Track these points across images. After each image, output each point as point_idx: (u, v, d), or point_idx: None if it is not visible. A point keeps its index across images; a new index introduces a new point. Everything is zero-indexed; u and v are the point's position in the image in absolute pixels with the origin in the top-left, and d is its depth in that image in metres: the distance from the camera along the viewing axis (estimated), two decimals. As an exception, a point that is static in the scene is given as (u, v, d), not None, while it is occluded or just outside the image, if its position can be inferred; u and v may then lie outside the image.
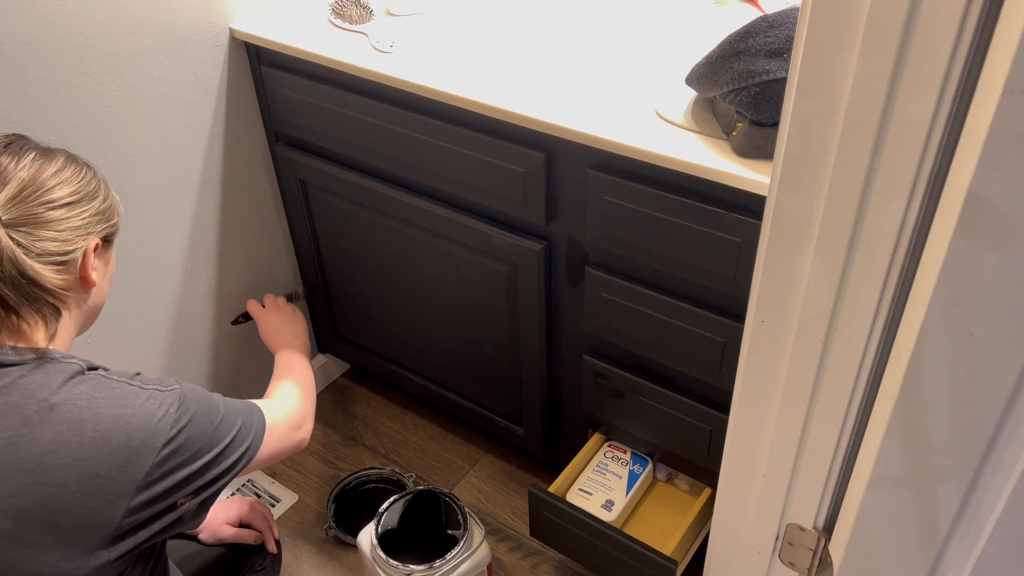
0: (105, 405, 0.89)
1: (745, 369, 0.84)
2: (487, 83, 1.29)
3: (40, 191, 0.91)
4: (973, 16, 0.54)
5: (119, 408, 0.90)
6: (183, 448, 0.93)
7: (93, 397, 0.90)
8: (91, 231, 0.96)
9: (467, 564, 1.42)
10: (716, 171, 1.06)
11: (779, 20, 1.06)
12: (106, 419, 0.88)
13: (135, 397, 0.92)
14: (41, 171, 0.92)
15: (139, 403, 0.91)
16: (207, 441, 0.96)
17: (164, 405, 0.93)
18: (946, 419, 0.68)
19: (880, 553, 0.81)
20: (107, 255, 1.02)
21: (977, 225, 0.58)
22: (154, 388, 0.94)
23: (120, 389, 0.92)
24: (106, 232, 0.99)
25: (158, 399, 0.93)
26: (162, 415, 0.92)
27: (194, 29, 1.46)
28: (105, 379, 0.92)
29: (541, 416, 1.59)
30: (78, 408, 0.88)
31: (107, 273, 1.03)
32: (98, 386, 0.91)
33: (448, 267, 1.51)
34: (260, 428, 1.05)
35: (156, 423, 0.91)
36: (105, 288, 1.04)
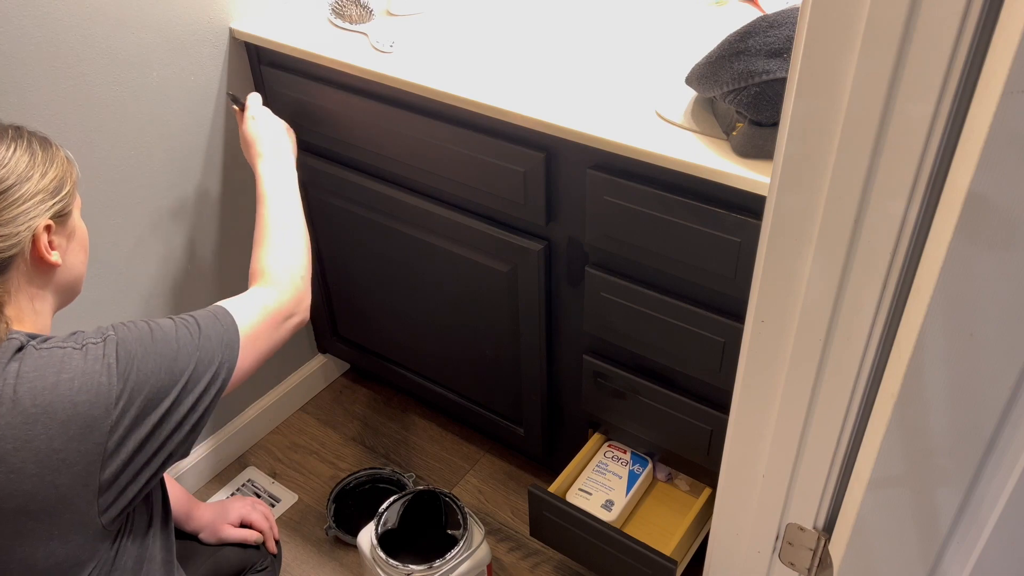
0: (38, 377, 0.84)
1: (745, 369, 0.84)
2: (487, 83, 1.29)
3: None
4: (973, 16, 0.54)
5: (54, 376, 0.84)
6: (138, 395, 0.87)
7: (24, 372, 0.84)
8: (33, 215, 0.89)
9: (467, 564, 1.42)
10: (716, 171, 1.06)
11: (779, 20, 1.06)
12: (43, 391, 0.83)
13: (70, 359, 0.85)
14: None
15: (75, 364, 0.85)
16: (166, 377, 0.89)
17: (102, 358, 0.86)
18: (946, 419, 0.68)
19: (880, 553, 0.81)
20: (66, 229, 0.96)
21: (977, 225, 0.58)
22: (88, 342, 0.87)
23: (51, 355, 0.86)
24: (55, 210, 0.92)
25: (94, 353, 0.86)
26: (102, 369, 0.86)
27: (194, 29, 1.46)
28: (36, 349, 0.86)
29: (541, 416, 1.59)
30: (12, 387, 0.83)
31: (73, 247, 0.97)
32: (27, 359, 0.85)
33: (448, 267, 1.51)
34: (231, 339, 0.97)
35: (99, 380, 0.85)
36: (77, 261, 0.99)
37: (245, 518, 1.37)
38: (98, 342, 0.88)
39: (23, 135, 0.93)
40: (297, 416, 1.98)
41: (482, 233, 1.40)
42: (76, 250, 0.98)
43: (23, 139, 0.93)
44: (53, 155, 0.95)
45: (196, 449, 1.79)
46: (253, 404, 1.90)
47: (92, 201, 1.40)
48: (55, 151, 0.96)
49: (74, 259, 0.98)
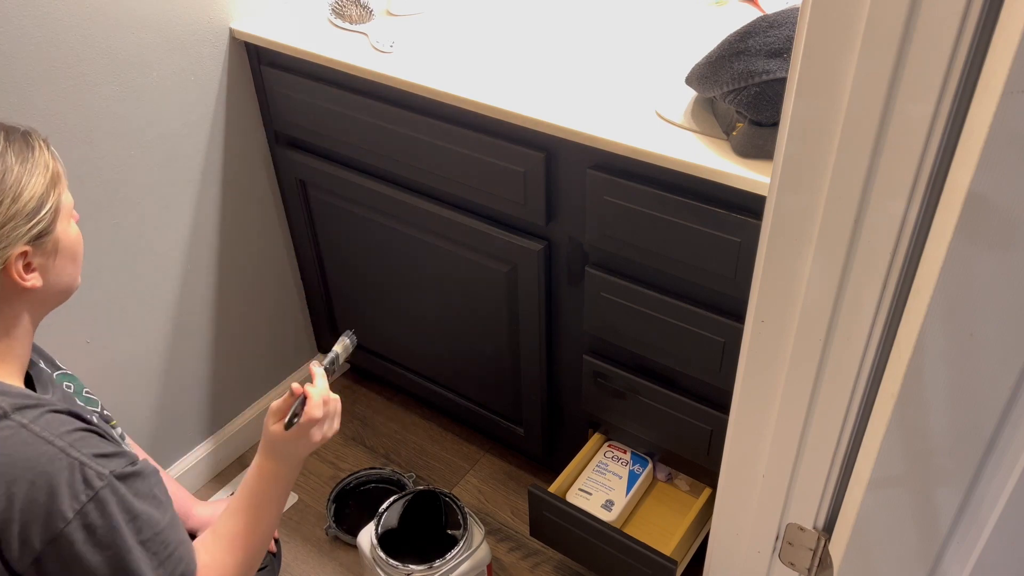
0: (7, 464, 0.78)
1: (745, 369, 0.84)
2: (487, 83, 1.29)
3: None
4: (973, 16, 0.54)
5: (21, 471, 0.78)
6: (74, 549, 0.79)
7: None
8: (4, 243, 0.82)
9: (467, 564, 1.42)
10: (716, 171, 1.06)
11: (779, 20, 1.06)
12: (3, 481, 0.78)
13: (47, 463, 0.79)
14: None
15: (48, 471, 0.79)
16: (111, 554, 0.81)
17: (78, 486, 0.80)
18: (946, 419, 0.68)
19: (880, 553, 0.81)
20: (47, 248, 0.88)
21: (977, 225, 0.58)
22: (79, 458, 0.80)
23: (35, 448, 0.79)
24: (31, 234, 0.84)
25: (77, 474, 0.80)
26: (70, 495, 0.79)
27: (194, 29, 1.46)
28: (23, 430, 0.80)
29: (541, 416, 1.59)
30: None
31: (56, 264, 0.89)
32: (10, 440, 0.79)
33: (448, 267, 1.51)
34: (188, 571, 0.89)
35: (59, 500, 0.79)
36: (63, 275, 0.91)
37: None
38: (91, 468, 0.80)
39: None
40: (297, 416, 1.98)
41: (482, 233, 1.40)
42: (62, 264, 0.90)
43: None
44: (33, 166, 0.85)
45: (196, 449, 1.79)
46: (253, 404, 1.90)
47: (91, 201, 1.40)
48: (36, 158, 0.86)
49: (60, 274, 0.90)
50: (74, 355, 1.46)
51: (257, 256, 1.76)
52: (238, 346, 1.80)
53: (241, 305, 1.76)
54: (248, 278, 1.76)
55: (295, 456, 1.07)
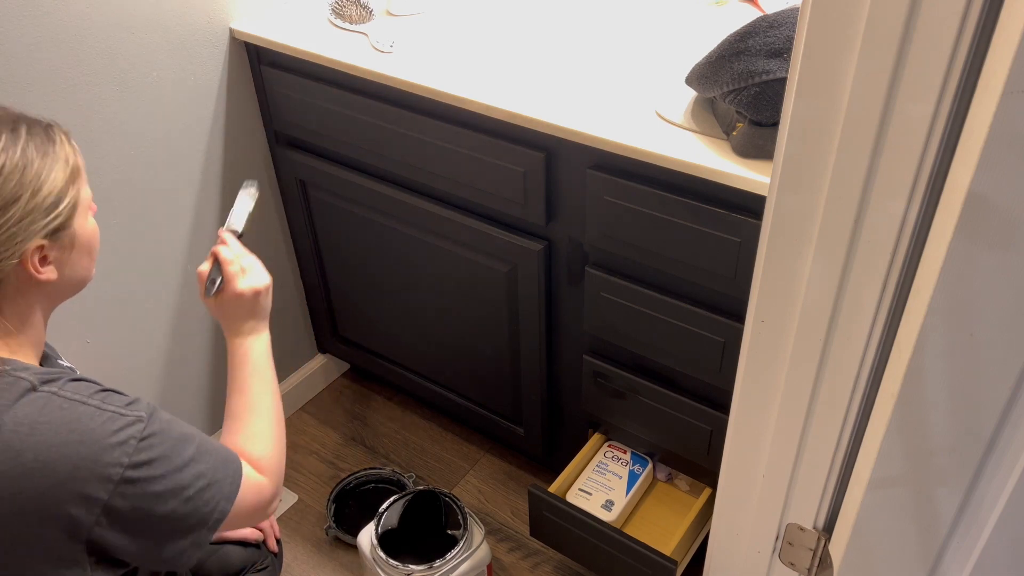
0: (50, 431, 0.79)
1: (745, 369, 0.84)
2: (487, 83, 1.29)
3: None
4: (973, 16, 0.54)
5: (66, 434, 0.79)
6: (144, 490, 0.82)
7: (36, 422, 0.79)
8: (20, 239, 0.82)
9: (467, 564, 1.42)
10: (716, 171, 1.06)
11: (779, 20, 1.06)
12: (48, 447, 0.79)
13: (88, 420, 0.81)
14: None
15: (91, 427, 0.80)
16: (172, 485, 0.84)
17: (122, 433, 0.81)
18: (946, 419, 0.68)
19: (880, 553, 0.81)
20: (64, 242, 0.87)
21: (977, 225, 0.58)
22: (113, 411, 0.82)
23: (71, 411, 0.81)
24: (48, 228, 0.84)
25: (115, 424, 0.82)
26: (117, 443, 0.81)
27: (194, 29, 1.46)
28: (55, 397, 0.81)
29: (541, 416, 1.59)
30: (18, 435, 0.78)
31: (72, 257, 0.89)
32: (45, 408, 0.80)
33: (448, 267, 1.51)
34: (231, 492, 0.91)
35: (109, 451, 0.80)
36: (79, 268, 0.91)
37: None
38: (126, 415, 0.83)
39: (19, 137, 0.83)
40: (297, 416, 1.98)
41: (482, 233, 1.40)
42: (78, 257, 0.91)
43: (16, 144, 0.83)
44: (53, 160, 0.85)
45: (196, 449, 1.79)
46: (253, 404, 1.89)
47: (92, 201, 1.40)
48: (56, 151, 0.86)
49: (75, 267, 0.91)
50: (74, 355, 1.46)
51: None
52: (238, 346, 1.79)
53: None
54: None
55: (246, 318, 1.09)
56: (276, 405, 1.08)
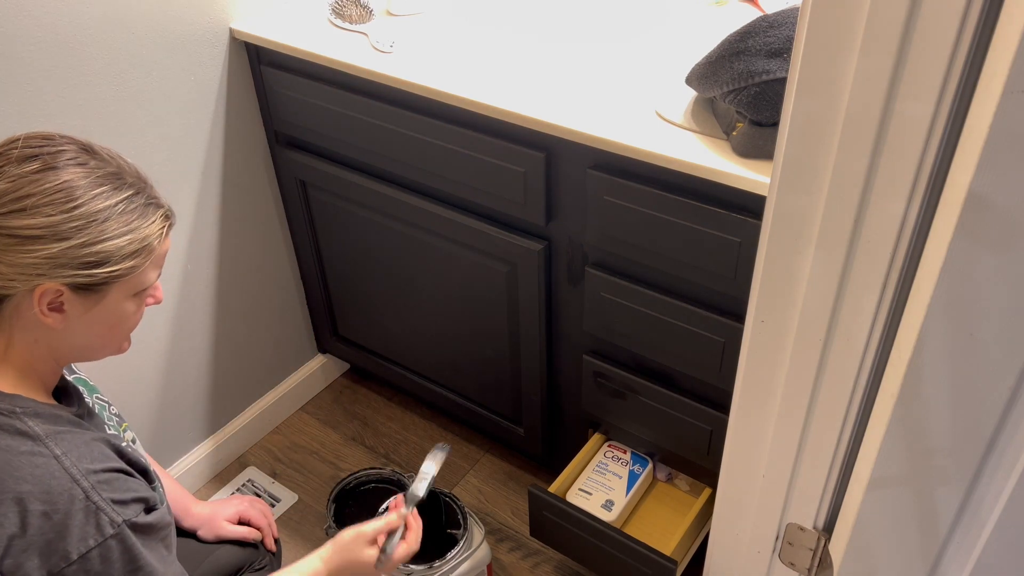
0: (28, 488, 0.80)
1: (745, 369, 0.84)
2: (487, 83, 1.29)
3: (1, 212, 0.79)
4: (973, 16, 0.54)
5: (41, 504, 0.80)
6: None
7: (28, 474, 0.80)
8: (43, 273, 0.81)
9: (467, 564, 1.42)
10: (716, 171, 1.06)
11: (779, 20, 1.06)
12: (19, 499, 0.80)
13: (69, 502, 0.81)
14: (17, 188, 0.79)
15: (68, 510, 0.80)
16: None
17: (88, 529, 0.81)
18: (946, 419, 0.68)
19: (880, 553, 0.81)
20: (87, 302, 0.85)
21: (977, 225, 0.58)
22: (99, 505, 0.82)
23: (61, 482, 0.81)
24: (76, 280, 0.82)
25: (90, 522, 0.81)
26: (78, 536, 0.81)
27: (194, 29, 1.46)
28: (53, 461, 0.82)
29: (541, 416, 1.59)
30: None
31: (86, 320, 0.87)
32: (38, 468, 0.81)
33: (448, 267, 1.51)
34: None
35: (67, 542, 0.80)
36: (88, 335, 0.89)
37: (243, 515, 1.36)
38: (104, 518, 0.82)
39: (119, 194, 0.84)
40: (297, 416, 1.98)
41: (482, 233, 1.40)
42: (93, 325, 0.87)
43: (111, 199, 0.83)
44: (131, 229, 0.85)
45: (196, 449, 1.79)
46: (253, 404, 1.90)
47: (92, 201, 1.40)
48: (142, 226, 0.86)
49: (85, 331, 0.88)
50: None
51: (257, 256, 1.76)
52: (238, 346, 1.80)
53: (241, 305, 1.76)
54: (248, 278, 1.76)
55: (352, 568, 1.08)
56: None
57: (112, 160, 0.86)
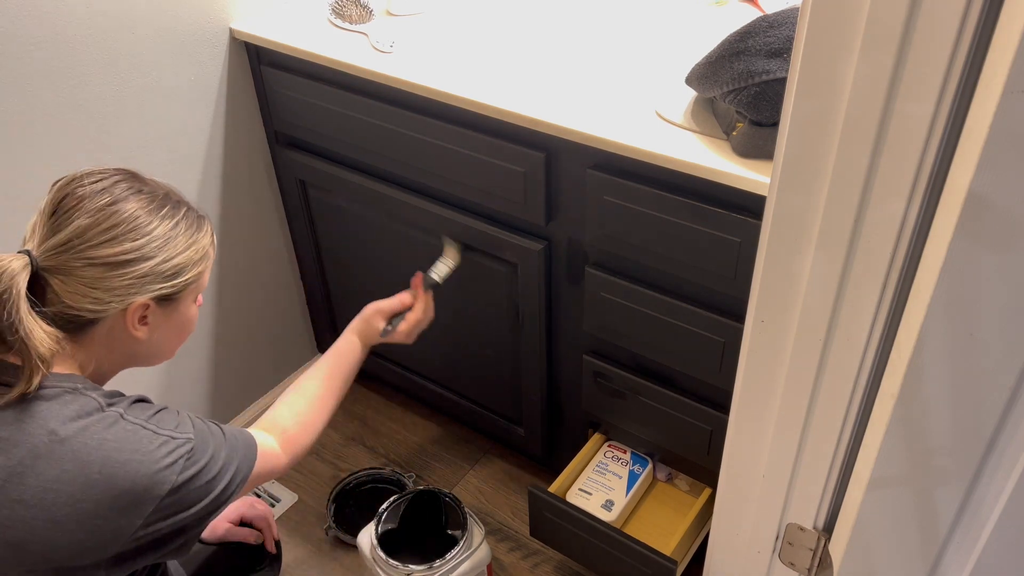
0: (115, 448, 0.88)
1: (745, 369, 0.84)
2: (487, 83, 1.29)
3: (88, 244, 0.89)
4: (973, 16, 0.54)
5: (129, 453, 0.88)
6: (184, 498, 0.92)
7: (104, 438, 0.88)
8: (136, 291, 0.92)
9: (467, 564, 1.42)
10: (716, 171, 1.06)
11: (779, 20, 1.06)
12: (114, 463, 0.87)
13: (147, 442, 0.90)
14: (100, 221, 0.89)
15: (150, 449, 0.90)
16: (205, 490, 0.94)
17: (175, 454, 0.91)
18: (946, 419, 0.68)
19: (880, 553, 0.81)
20: (167, 311, 0.97)
21: (977, 225, 0.58)
22: (167, 435, 0.92)
23: (134, 432, 0.90)
24: (162, 292, 0.94)
25: (169, 446, 0.91)
26: (170, 463, 0.90)
27: (194, 29, 1.46)
28: (121, 419, 0.90)
29: (541, 416, 1.59)
30: (87, 448, 0.87)
31: (168, 328, 0.99)
32: (113, 427, 0.89)
33: (448, 267, 1.51)
34: (246, 475, 1.02)
35: (163, 471, 0.90)
36: (167, 341, 1.01)
37: (244, 516, 1.36)
38: (177, 437, 0.92)
39: (178, 213, 0.96)
40: (297, 416, 1.98)
41: (482, 233, 1.40)
42: (169, 333, 1.00)
43: (174, 218, 0.95)
44: (194, 241, 0.97)
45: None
46: (253, 404, 1.90)
47: (92, 201, 1.40)
48: (200, 237, 0.98)
49: (162, 340, 1.00)
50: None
51: (257, 256, 1.76)
52: (238, 346, 1.80)
53: (241, 305, 1.76)
54: (248, 278, 1.76)
55: (371, 343, 1.36)
56: (324, 395, 1.23)
57: (156, 184, 0.98)
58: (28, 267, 0.87)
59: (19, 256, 0.87)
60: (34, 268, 0.87)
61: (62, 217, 0.89)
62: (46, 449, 0.86)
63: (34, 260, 0.88)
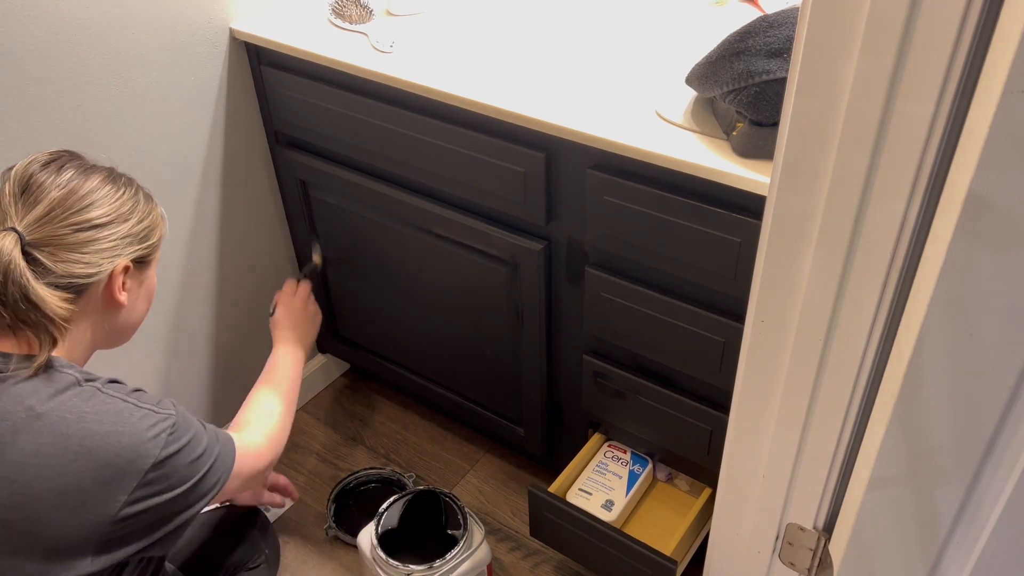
0: (94, 420, 0.89)
1: (745, 369, 0.84)
2: (487, 83, 1.29)
3: (69, 212, 0.92)
4: (973, 16, 0.54)
5: (109, 425, 0.89)
6: (167, 475, 0.92)
7: (83, 411, 0.89)
8: (119, 253, 0.96)
9: (467, 564, 1.42)
10: (716, 171, 1.06)
11: (779, 20, 1.06)
12: (94, 435, 0.88)
13: (128, 415, 0.91)
14: (74, 191, 0.94)
15: (131, 421, 0.91)
16: (189, 471, 0.95)
17: (157, 427, 0.92)
18: (946, 419, 0.68)
19: (880, 553, 0.81)
20: (141, 276, 1.03)
21: (977, 225, 0.58)
22: (149, 408, 0.93)
23: (113, 405, 0.91)
24: (139, 254, 0.99)
25: (151, 420, 0.92)
26: (152, 436, 0.91)
27: (194, 29, 1.46)
28: (99, 392, 0.92)
29: (541, 416, 1.59)
30: (66, 421, 0.88)
31: (141, 294, 1.04)
32: (91, 400, 0.90)
33: (448, 267, 1.51)
34: (229, 466, 1.04)
35: (146, 443, 0.90)
36: (139, 308, 1.05)
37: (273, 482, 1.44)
38: (159, 412, 0.94)
39: (133, 184, 1.03)
40: (297, 416, 1.98)
41: (482, 233, 1.40)
42: (142, 298, 1.05)
43: (132, 186, 1.02)
44: (152, 208, 1.03)
45: (196, 449, 1.79)
46: (253, 404, 1.90)
47: (92, 201, 1.40)
48: (154, 205, 1.04)
49: (138, 306, 1.04)
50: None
51: (257, 256, 1.76)
52: (238, 346, 1.80)
53: (241, 305, 1.76)
54: (248, 278, 1.76)
55: (289, 338, 1.45)
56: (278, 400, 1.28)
57: (98, 162, 1.03)
58: (18, 242, 0.89)
59: (7, 233, 0.89)
60: (23, 243, 0.89)
61: (36, 193, 0.92)
62: (24, 424, 0.87)
63: (21, 235, 0.89)
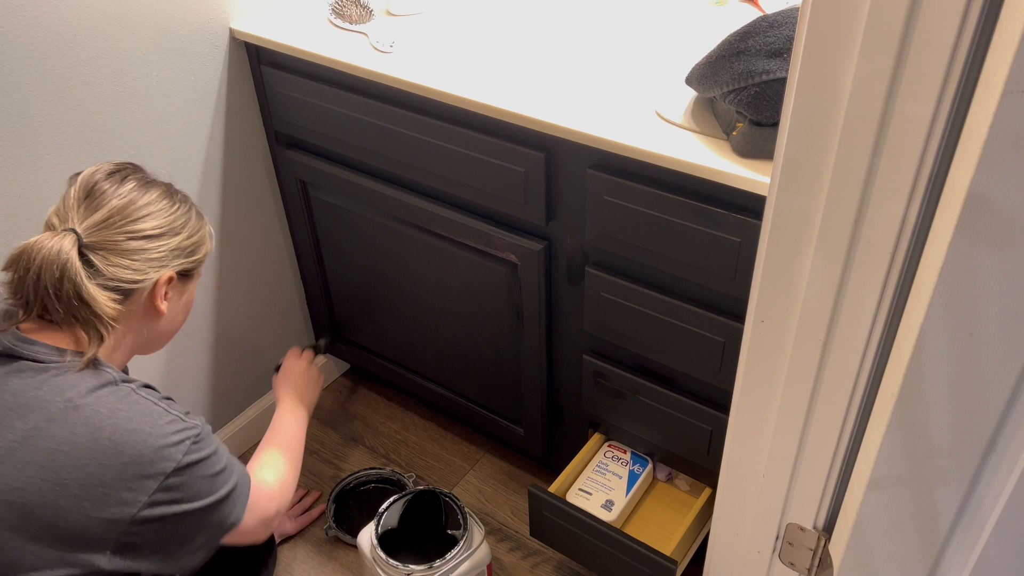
0: (126, 418, 0.93)
1: (745, 369, 0.84)
2: (487, 83, 1.29)
3: (126, 220, 0.98)
4: (973, 16, 0.54)
5: (139, 424, 0.93)
6: (187, 484, 0.95)
7: (116, 408, 0.93)
8: (166, 264, 1.02)
9: (467, 564, 1.42)
10: (716, 171, 1.06)
11: (779, 20, 1.06)
12: (123, 431, 0.92)
13: (157, 417, 0.95)
14: (133, 201, 1.00)
15: (160, 423, 0.94)
16: (209, 485, 0.98)
17: (182, 433, 0.96)
18: (946, 419, 0.68)
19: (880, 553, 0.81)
20: (183, 288, 1.08)
21: (977, 225, 0.58)
22: (177, 415, 0.97)
23: (145, 406, 0.95)
24: (184, 267, 1.05)
25: (178, 426, 0.96)
26: (177, 441, 0.95)
27: (194, 29, 1.46)
28: (134, 393, 0.96)
29: (541, 416, 1.59)
30: (100, 415, 0.92)
31: (181, 305, 1.09)
32: (125, 399, 0.94)
33: (448, 267, 1.51)
34: (246, 497, 1.06)
35: (170, 448, 0.94)
36: (177, 319, 1.10)
37: None
38: (186, 420, 0.98)
39: (187, 201, 1.09)
40: (297, 416, 1.98)
41: (482, 233, 1.40)
42: (181, 309, 1.10)
43: (187, 203, 1.08)
44: (202, 225, 1.09)
45: (196, 449, 1.80)
46: (253, 404, 1.90)
47: (92, 201, 1.40)
48: (204, 223, 1.10)
49: (176, 316, 1.09)
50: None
51: (257, 256, 1.76)
52: (238, 346, 1.80)
53: (241, 305, 1.76)
54: (248, 278, 1.76)
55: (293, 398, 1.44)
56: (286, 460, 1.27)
57: (158, 177, 1.09)
58: (76, 243, 0.95)
59: (67, 233, 0.95)
60: (80, 244, 0.95)
61: (98, 199, 0.98)
62: (60, 414, 0.90)
63: (80, 237, 0.95)
